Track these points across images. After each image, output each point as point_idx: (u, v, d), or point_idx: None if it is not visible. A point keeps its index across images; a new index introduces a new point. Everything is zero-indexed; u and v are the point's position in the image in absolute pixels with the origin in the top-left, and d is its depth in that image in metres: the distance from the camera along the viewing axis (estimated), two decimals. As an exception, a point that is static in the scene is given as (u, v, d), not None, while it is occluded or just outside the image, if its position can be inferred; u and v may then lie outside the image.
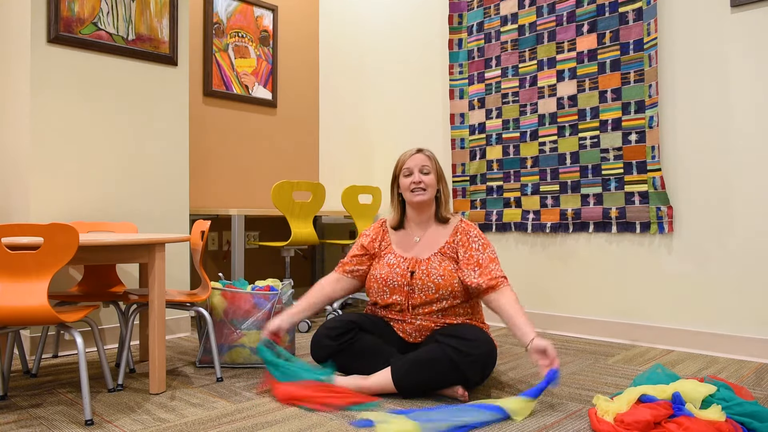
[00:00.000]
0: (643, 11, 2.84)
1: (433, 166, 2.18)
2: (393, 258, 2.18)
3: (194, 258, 2.41)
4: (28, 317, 1.71)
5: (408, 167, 2.17)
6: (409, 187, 2.16)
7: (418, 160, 2.17)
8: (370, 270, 2.24)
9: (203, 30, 3.86)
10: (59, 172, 2.69)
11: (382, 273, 2.15)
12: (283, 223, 4.14)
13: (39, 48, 2.63)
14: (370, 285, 2.21)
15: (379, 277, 2.15)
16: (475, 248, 2.12)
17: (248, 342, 2.40)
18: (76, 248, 1.73)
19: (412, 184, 2.15)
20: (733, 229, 2.62)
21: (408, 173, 2.17)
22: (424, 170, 2.15)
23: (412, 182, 2.15)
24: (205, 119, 3.86)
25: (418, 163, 2.16)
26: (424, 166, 2.16)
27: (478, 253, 2.11)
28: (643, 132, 2.84)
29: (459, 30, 3.58)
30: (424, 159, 2.17)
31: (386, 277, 2.13)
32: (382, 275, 2.15)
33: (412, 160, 2.17)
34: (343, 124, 4.38)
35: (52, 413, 1.85)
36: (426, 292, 2.08)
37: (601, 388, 2.11)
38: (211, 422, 1.77)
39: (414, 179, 2.14)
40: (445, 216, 2.21)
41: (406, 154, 2.20)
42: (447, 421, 1.67)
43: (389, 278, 2.13)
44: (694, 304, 2.72)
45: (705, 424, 1.50)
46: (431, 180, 2.16)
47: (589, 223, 3.03)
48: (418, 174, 2.15)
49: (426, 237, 2.20)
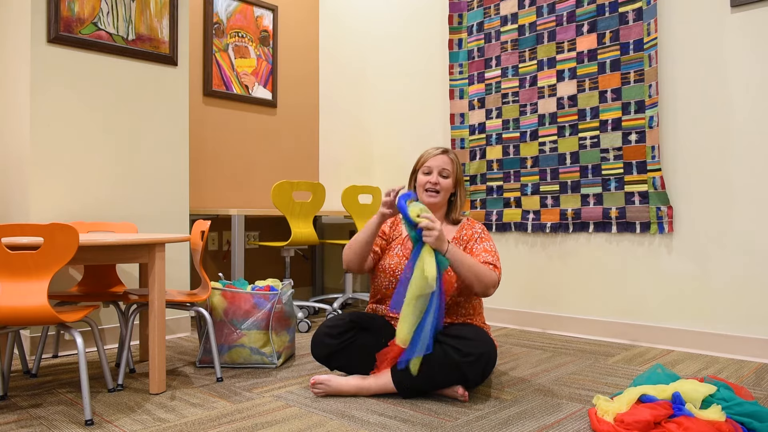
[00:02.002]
0: (643, 11, 2.84)
1: (454, 170, 2.18)
2: (401, 249, 2.19)
3: (194, 258, 2.41)
4: (28, 317, 1.71)
5: (429, 166, 2.16)
6: (424, 185, 2.16)
7: (440, 161, 2.16)
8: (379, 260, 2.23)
9: (203, 30, 3.86)
10: (59, 172, 2.69)
11: (391, 263, 2.16)
12: (283, 223, 4.15)
13: (39, 48, 2.63)
14: (377, 275, 2.22)
15: (387, 267, 2.17)
16: (475, 239, 2.15)
17: (248, 342, 2.40)
18: (76, 248, 1.73)
19: (428, 183, 2.15)
20: (733, 229, 2.62)
21: (427, 171, 2.17)
22: (443, 173, 2.15)
23: (428, 182, 2.15)
24: (205, 119, 3.86)
25: (440, 164, 2.15)
26: (445, 168, 2.15)
27: (476, 243, 2.14)
28: (643, 132, 2.84)
29: (459, 30, 3.58)
30: (446, 162, 2.17)
31: (395, 268, 2.15)
32: (390, 265, 2.16)
33: (434, 159, 2.16)
34: (343, 124, 4.38)
35: (52, 413, 1.85)
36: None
37: (601, 388, 2.11)
38: (211, 422, 1.77)
39: (431, 179, 2.15)
40: (456, 219, 2.22)
41: (431, 152, 2.19)
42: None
43: (397, 269, 2.14)
44: (694, 304, 2.72)
45: (705, 424, 1.50)
46: (448, 184, 2.16)
47: (589, 223, 3.03)
48: (437, 176, 2.15)
49: None
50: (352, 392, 2.00)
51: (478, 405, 1.92)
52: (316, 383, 2.01)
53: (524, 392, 2.07)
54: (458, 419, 1.78)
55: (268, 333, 2.41)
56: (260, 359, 2.41)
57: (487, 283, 1.98)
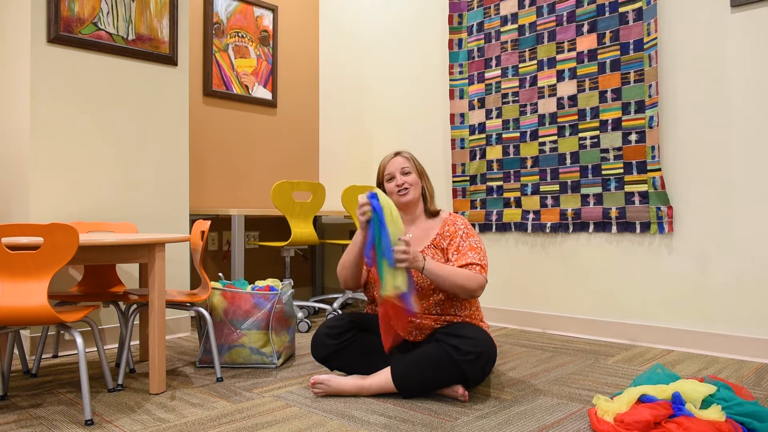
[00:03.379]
0: (643, 11, 2.84)
1: (413, 165, 2.23)
2: None
3: (194, 258, 2.41)
4: (28, 317, 1.71)
5: (389, 172, 2.22)
6: (394, 190, 2.21)
7: (397, 163, 2.22)
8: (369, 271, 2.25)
9: (203, 30, 3.86)
10: (59, 172, 2.69)
11: None
12: (283, 223, 4.15)
13: (39, 48, 2.63)
14: (369, 281, 2.23)
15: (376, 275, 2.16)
16: (460, 236, 2.16)
17: (248, 342, 2.40)
18: (76, 248, 1.73)
19: (396, 186, 2.20)
20: (733, 229, 2.62)
21: (390, 177, 2.22)
22: (404, 171, 2.21)
23: (396, 185, 2.20)
24: (205, 119, 3.86)
25: (398, 166, 2.21)
26: (404, 167, 2.21)
27: (461, 240, 2.15)
28: (643, 132, 2.84)
29: (459, 30, 3.58)
30: (402, 161, 2.22)
31: None
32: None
33: (391, 164, 2.22)
34: (343, 124, 4.38)
35: (52, 413, 1.85)
36: (421, 284, 2.09)
37: (601, 388, 2.11)
38: (211, 422, 1.77)
39: (397, 182, 2.20)
40: (433, 210, 2.25)
41: (386, 159, 2.26)
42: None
43: None
44: (694, 304, 2.72)
45: (705, 424, 1.50)
46: (413, 179, 2.21)
47: (589, 223, 3.03)
48: (400, 176, 2.20)
49: (417, 232, 2.23)
50: (352, 392, 2.00)
51: (478, 405, 1.92)
52: (316, 383, 2.01)
53: (524, 392, 2.07)
54: (458, 419, 1.78)
55: (268, 333, 2.42)
56: (260, 359, 2.41)
57: (470, 288, 2.00)
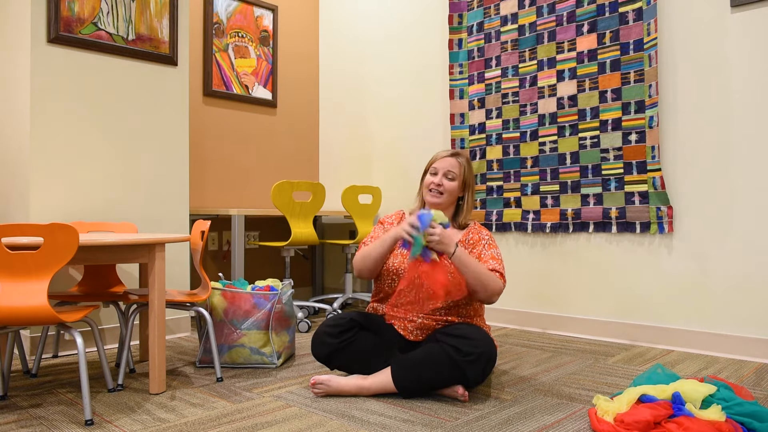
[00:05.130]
0: (643, 11, 2.84)
1: (461, 173, 2.20)
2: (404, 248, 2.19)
3: (194, 258, 2.41)
4: (28, 317, 1.71)
5: (435, 167, 2.20)
6: (428, 186, 2.19)
7: (447, 163, 2.18)
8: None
9: (203, 30, 3.86)
10: (59, 172, 2.69)
11: (395, 263, 2.16)
12: (283, 223, 4.15)
13: (39, 48, 2.63)
14: (381, 275, 2.21)
15: (390, 267, 2.16)
16: (483, 244, 2.16)
17: (248, 342, 2.40)
18: (76, 248, 1.73)
19: (432, 184, 2.18)
20: (733, 229, 2.62)
21: (434, 172, 2.20)
22: (449, 175, 2.17)
23: (433, 182, 2.17)
24: (205, 119, 3.86)
25: (446, 166, 2.18)
26: (451, 171, 2.17)
27: (484, 249, 2.15)
28: (643, 132, 2.84)
29: (459, 30, 3.58)
30: (453, 164, 2.18)
31: (398, 267, 2.15)
32: (394, 265, 2.16)
33: (442, 161, 2.19)
34: (343, 124, 4.38)
35: (52, 413, 1.85)
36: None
37: (601, 388, 2.11)
38: (211, 422, 1.77)
39: (435, 180, 2.17)
40: (463, 223, 2.24)
41: (440, 154, 2.23)
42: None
43: (400, 268, 2.14)
44: (694, 304, 2.72)
45: (705, 424, 1.50)
46: (452, 187, 2.17)
47: (589, 223, 3.03)
48: (442, 177, 2.17)
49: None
50: (353, 392, 2.00)
51: (478, 405, 1.92)
52: (316, 383, 2.01)
53: (524, 392, 2.07)
54: (458, 419, 1.78)
55: (268, 333, 2.42)
56: (260, 359, 2.41)
57: (491, 290, 2.00)
